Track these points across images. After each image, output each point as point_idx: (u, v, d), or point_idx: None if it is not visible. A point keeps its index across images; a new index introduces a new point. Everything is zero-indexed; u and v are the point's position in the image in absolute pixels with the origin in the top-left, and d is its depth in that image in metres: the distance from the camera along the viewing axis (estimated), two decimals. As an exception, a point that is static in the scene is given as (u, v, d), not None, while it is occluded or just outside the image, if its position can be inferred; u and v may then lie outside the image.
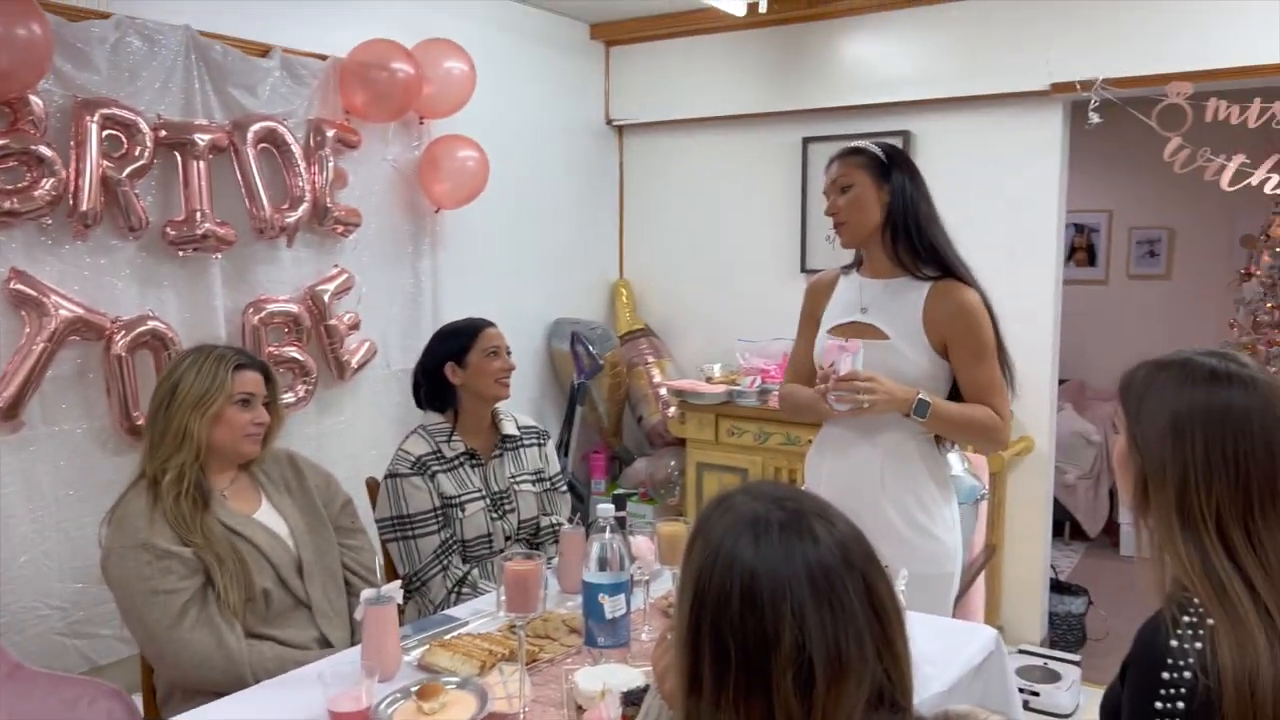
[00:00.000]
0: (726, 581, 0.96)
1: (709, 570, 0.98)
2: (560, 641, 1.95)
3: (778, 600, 0.94)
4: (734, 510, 1.01)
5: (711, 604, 0.97)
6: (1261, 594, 1.16)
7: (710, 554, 0.99)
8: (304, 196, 3.04)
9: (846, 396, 2.09)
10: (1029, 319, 3.69)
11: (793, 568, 0.95)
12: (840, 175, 2.23)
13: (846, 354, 2.10)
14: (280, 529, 2.12)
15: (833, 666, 0.94)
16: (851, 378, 2.08)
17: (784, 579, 0.95)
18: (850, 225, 2.23)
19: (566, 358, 4.21)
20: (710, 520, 1.03)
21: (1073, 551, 5.25)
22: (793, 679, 0.93)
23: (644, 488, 4.35)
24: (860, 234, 2.23)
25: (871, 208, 2.20)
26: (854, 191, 2.20)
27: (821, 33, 4.01)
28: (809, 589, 0.94)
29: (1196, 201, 5.59)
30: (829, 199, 2.26)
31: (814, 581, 0.95)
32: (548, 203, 4.26)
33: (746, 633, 0.94)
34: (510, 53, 4.00)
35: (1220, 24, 3.27)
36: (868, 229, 2.22)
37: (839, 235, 2.27)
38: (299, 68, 3.09)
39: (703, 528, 1.03)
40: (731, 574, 0.96)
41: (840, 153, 2.27)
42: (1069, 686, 3.42)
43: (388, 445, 3.46)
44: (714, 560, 0.98)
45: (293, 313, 3.08)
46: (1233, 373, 1.24)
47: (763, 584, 0.95)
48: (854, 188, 2.20)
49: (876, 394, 2.08)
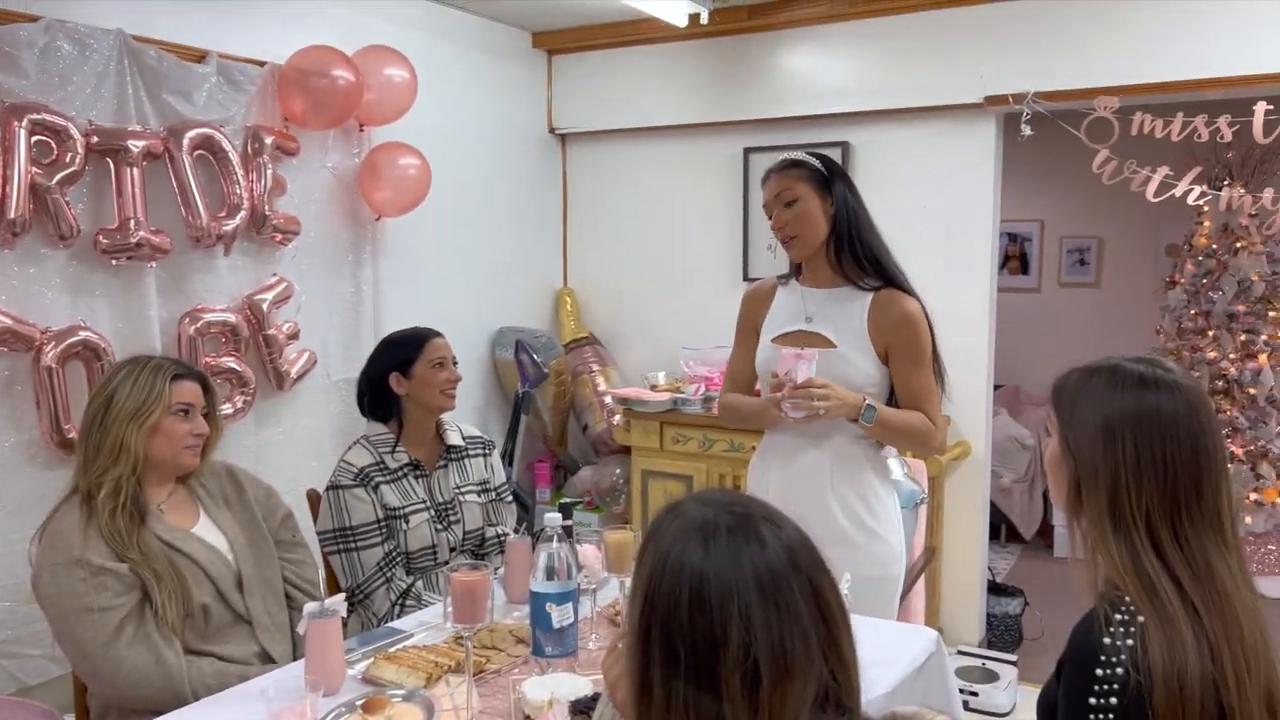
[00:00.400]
0: (676, 585, 0.98)
1: (659, 574, 1.00)
2: (507, 652, 1.94)
3: (725, 602, 0.96)
4: (684, 516, 1.03)
5: (661, 607, 0.98)
6: (1189, 592, 1.21)
7: (660, 559, 1.01)
8: (242, 204, 3.00)
9: (802, 403, 2.12)
10: (965, 326, 3.78)
11: (740, 571, 0.97)
12: (783, 189, 2.22)
13: (804, 361, 2.13)
14: (219, 543, 2.09)
15: (778, 667, 0.96)
16: (808, 385, 2.11)
17: (731, 581, 0.97)
18: (802, 239, 2.23)
19: (511, 366, 4.19)
20: (661, 527, 1.04)
21: (1009, 554, 5.36)
22: (739, 680, 0.95)
23: (589, 496, 4.35)
24: (812, 247, 2.24)
25: (819, 220, 2.22)
26: (801, 205, 2.20)
27: (762, 44, 4.06)
28: (756, 591, 0.97)
29: (1124, 212, 5.77)
30: (771, 213, 2.25)
31: (761, 584, 0.97)
32: (491, 211, 4.25)
33: (695, 634, 0.96)
34: (452, 60, 3.98)
35: (1145, 42, 3.39)
36: (819, 241, 2.23)
37: (790, 249, 2.26)
38: (236, 74, 3.05)
39: (654, 534, 1.04)
40: (681, 577, 0.98)
41: (779, 166, 2.26)
42: (1006, 686, 3.49)
43: (329, 457, 3.42)
44: (664, 564, 1.00)
45: (230, 322, 3.03)
46: (1160, 378, 1.28)
47: (711, 586, 0.97)
48: (799, 201, 2.20)
49: (830, 400, 2.11)
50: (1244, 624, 1.21)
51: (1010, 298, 5.98)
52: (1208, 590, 1.21)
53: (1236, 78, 3.28)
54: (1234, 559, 1.25)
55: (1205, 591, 1.21)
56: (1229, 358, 4.92)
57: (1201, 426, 1.26)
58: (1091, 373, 1.32)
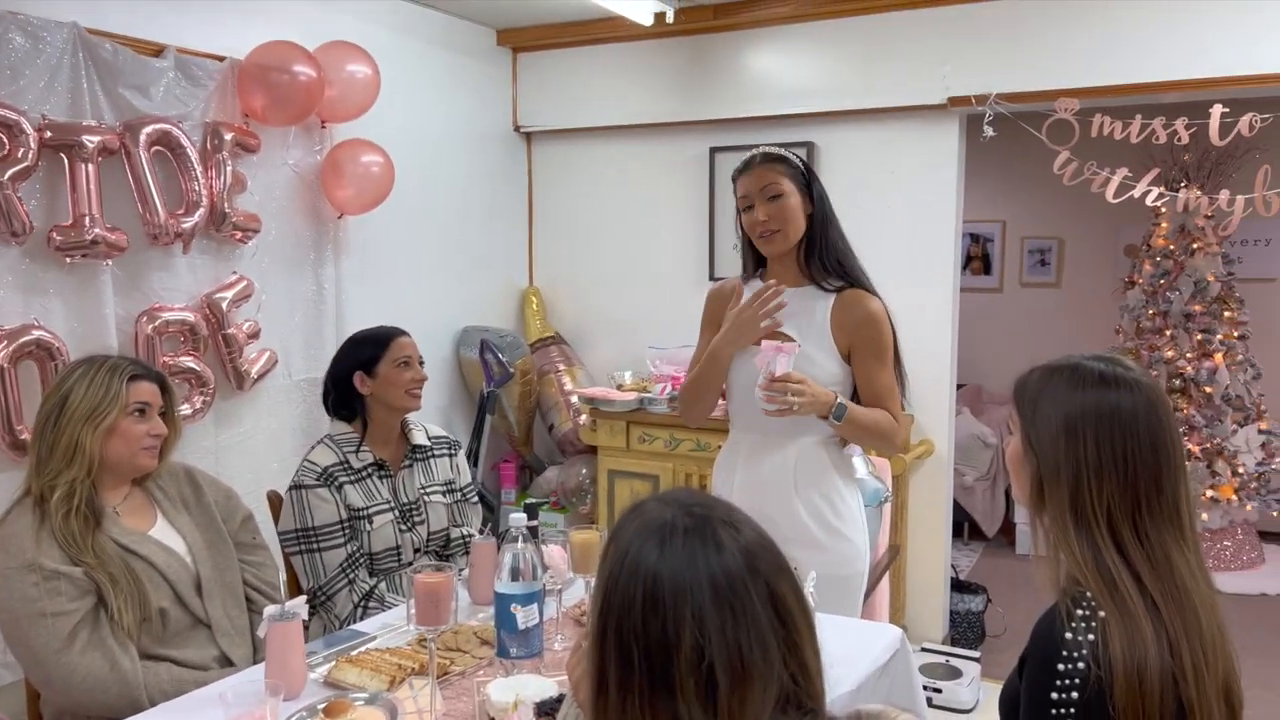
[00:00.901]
0: (631, 585, 0.98)
1: (616, 574, 0.99)
2: (472, 654, 1.93)
3: (679, 604, 0.95)
4: (644, 516, 1.03)
5: (617, 607, 0.98)
6: (1149, 587, 1.23)
7: (619, 558, 1.00)
8: (200, 201, 2.96)
9: (777, 397, 2.12)
10: (928, 326, 3.81)
11: (695, 573, 0.97)
12: (768, 183, 2.19)
13: (783, 355, 2.12)
14: (177, 546, 2.05)
15: (735, 671, 0.95)
16: (785, 379, 2.12)
17: (685, 584, 0.96)
18: (784, 234, 2.21)
19: (475, 366, 4.17)
20: (623, 526, 1.04)
21: (972, 551, 5.42)
22: (695, 683, 0.95)
23: (555, 496, 4.33)
24: (791, 243, 2.23)
25: (799, 217, 2.21)
26: (785, 200, 2.19)
27: (727, 44, 4.07)
28: (710, 594, 0.96)
29: (1084, 213, 5.85)
30: (749, 205, 2.22)
31: (715, 587, 0.96)
32: (455, 209, 4.22)
33: (649, 636, 0.96)
34: (415, 57, 3.95)
35: (1104, 45, 3.44)
36: (795, 238, 2.22)
37: (768, 244, 2.23)
38: (194, 68, 3.00)
39: (616, 534, 1.04)
40: (636, 578, 0.98)
41: (760, 159, 2.23)
42: (970, 682, 3.53)
43: (290, 457, 3.39)
44: (621, 564, 1.00)
45: (189, 321, 2.99)
46: (1120, 376, 1.30)
47: (665, 588, 0.96)
48: (784, 196, 2.19)
49: (805, 396, 2.12)
50: (1202, 618, 1.23)
51: (973, 298, 6.04)
52: (1167, 585, 1.23)
53: (1193, 81, 3.33)
54: (1192, 554, 1.27)
55: (1165, 586, 1.23)
56: (1185, 357, 5.01)
57: (1161, 424, 1.28)
58: (1053, 371, 1.34)
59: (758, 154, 2.25)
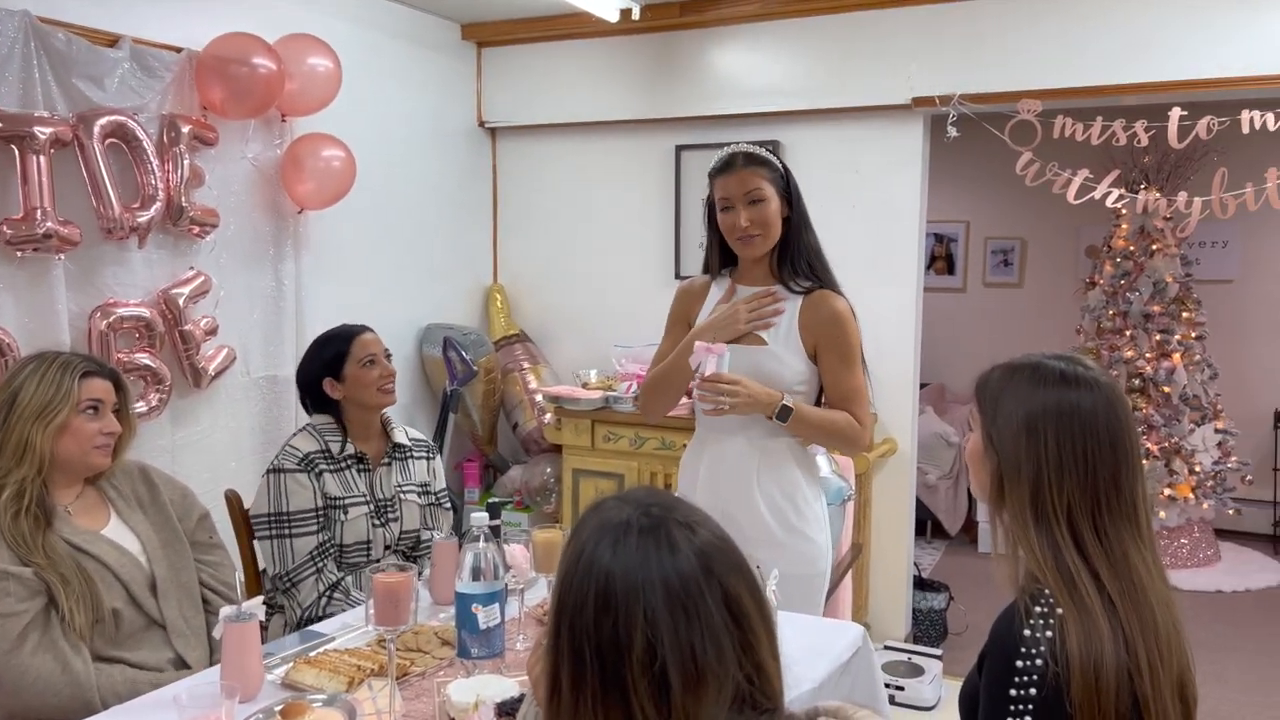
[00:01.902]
0: (585, 584, 0.97)
1: (571, 573, 0.99)
2: (432, 654, 1.91)
3: (630, 604, 0.95)
4: (602, 514, 1.03)
5: (570, 606, 0.98)
6: (1107, 585, 1.24)
7: (574, 557, 1.00)
8: (157, 195, 2.92)
9: (709, 397, 2.13)
10: (892, 325, 3.85)
11: (647, 573, 0.96)
12: (752, 187, 2.17)
13: (712, 355, 2.14)
14: (131, 545, 2.02)
15: (688, 672, 0.95)
16: (716, 379, 2.13)
17: (638, 584, 0.96)
18: (764, 238, 2.21)
19: (439, 364, 4.15)
20: (582, 525, 1.04)
21: (934, 549, 5.47)
22: (648, 684, 0.95)
23: (519, 495, 4.32)
24: (769, 246, 2.23)
25: (779, 221, 2.22)
26: (767, 205, 2.18)
27: (694, 41, 4.08)
28: (663, 595, 0.96)
29: (1046, 213, 5.92)
30: (735, 208, 2.19)
31: (668, 588, 0.96)
32: (418, 205, 4.19)
33: (601, 636, 0.96)
34: (378, 51, 3.92)
35: (1066, 47, 3.48)
36: (774, 241, 2.23)
37: (748, 247, 2.23)
38: (151, 59, 2.96)
39: (576, 531, 1.04)
40: (589, 577, 0.98)
41: (743, 161, 2.19)
42: (932, 680, 3.56)
43: (248, 456, 3.35)
44: (576, 563, 1.00)
45: (145, 317, 2.95)
46: (1080, 375, 1.32)
47: (617, 587, 0.96)
48: (766, 201, 2.18)
49: (739, 396, 2.13)
50: (1158, 615, 1.25)
51: (937, 297, 6.10)
52: (1124, 583, 1.25)
53: (1152, 84, 3.39)
54: (1149, 551, 1.29)
55: (1122, 584, 1.25)
56: (1145, 357, 5.09)
57: (1119, 422, 1.30)
58: (1014, 370, 1.35)
59: (739, 154, 2.21)
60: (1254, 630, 4.35)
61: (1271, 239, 5.72)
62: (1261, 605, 4.68)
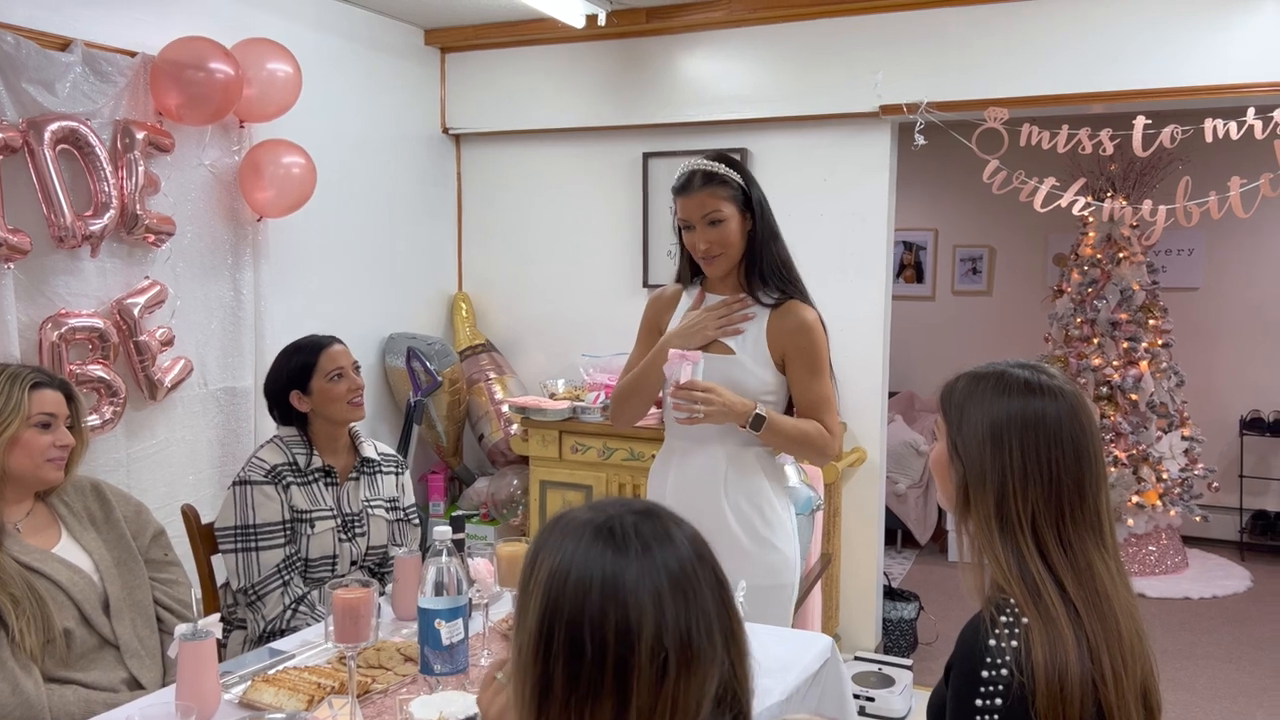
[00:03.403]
0: (585, 584, 1.00)
1: (563, 579, 1.01)
2: (394, 671, 1.90)
3: (640, 594, 0.99)
4: (578, 520, 1.05)
5: (569, 609, 1.00)
6: (1071, 594, 1.26)
7: (563, 564, 1.02)
8: (110, 203, 2.88)
9: (684, 405, 2.15)
10: (861, 333, 3.88)
11: (653, 564, 1.01)
12: (710, 210, 2.20)
13: (687, 363, 2.17)
14: (84, 563, 2.00)
15: (685, 655, 1.00)
16: (690, 387, 2.14)
17: (645, 575, 1.00)
18: (725, 257, 2.25)
19: (402, 375, 4.13)
20: (552, 535, 1.05)
21: (904, 559, 5.51)
22: (653, 671, 0.98)
23: (485, 508, 4.30)
24: (732, 263, 2.27)
25: (740, 238, 2.25)
26: (726, 225, 2.21)
27: (661, 48, 4.10)
28: (668, 580, 1.01)
29: (1014, 222, 6.01)
30: (695, 229, 2.22)
31: (672, 575, 1.01)
32: (381, 212, 4.18)
33: (606, 630, 0.98)
34: (339, 56, 3.91)
35: (1034, 55, 3.54)
36: (737, 257, 2.27)
37: (711, 267, 2.27)
38: (104, 64, 2.93)
39: (544, 543, 1.05)
40: (588, 577, 1.00)
41: (701, 181, 2.21)
42: (902, 691, 3.59)
43: (206, 470, 3.32)
44: (568, 568, 1.01)
45: (98, 328, 2.91)
46: (1044, 384, 1.34)
47: (625, 580, 1.00)
48: (725, 222, 2.21)
49: (713, 404, 2.15)
50: (1122, 623, 1.27)
51: (906, 305, 6.17)
52: (1089, 591, 1.27)
53: (1117, 93, 3.45)
54: (1112, 559, 1.31)
55: (1086, 593, 1.27)
56: (1112, 364, 5.17)
57: (1083, 430, 1.32)
58: (979, 378, 1.37)
59: (698, 173, 2.23)
60: (1221, 637, 4.42)
61: (1235, 247, 5.84)
62: (1228, 612, 4.76)
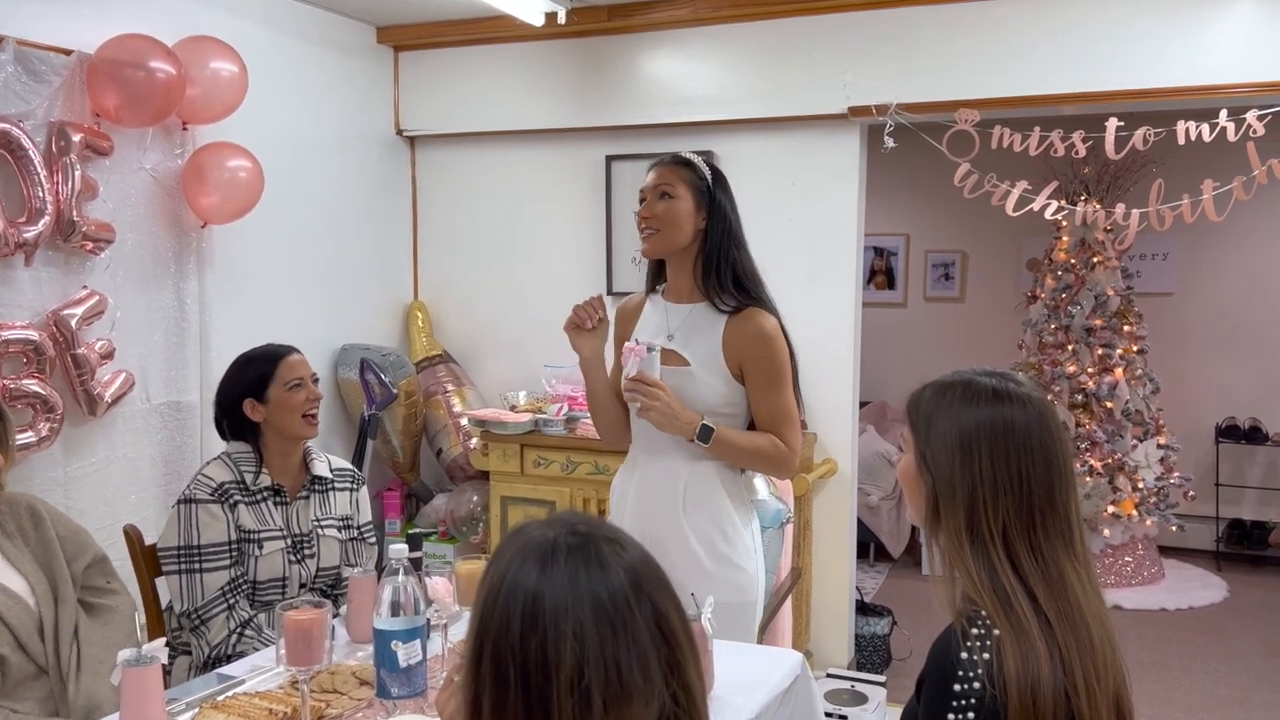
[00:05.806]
0: (510, 605, 1.00)
1: (495, 594, 1.01)
2: (350, 695, 1.90)
3: (560, 622, 0.98)
4: (525, 537, 1.05)
5: (494, 628, 1.00)
6: (1043, 605, 1.29)
7: (498, 579, 1.02)
8: (45, 209, 2.85)
9: (634, 395, 2.21)
10: (830, 341, 3.91)
11: (577, 590, 0.99)
12: (663, 181, 2.27)
13: (634, 356, 2.22)
14: (18, 586, 1.97)
15: (613, 690, 0.98)
16: (639, 380, 2.19)
17: (567, 601, 0.99)
18: (661, 235, 2.27)
19: (355, 387, 4.11)
20: (503, 549, 1.06)
21: (877, 573, 5.56)
22: (574, 704, 0.97)
23: (444, 526, 4.29)
24: (666, 247, 2.29)
25: (685, 224, 2.26)
26: (674, 203, 2.25)
27: (623, 47, 4.12)
28: (592, 611, 0.99)
29: (987, 226, 6.09)
30: (645, 201, 2.29)
31: (597, 605, 0.99)
32: (332, 218, 4.16)
33: (527, 656, 0.98)
34: (287, 54, 3.89)
35: (1004, 56, 3.60)
36: (675, 244, 2.28)
37: (647, 242, 2.30)
38: (37, 62, 2.90)
39: (496, 557, 1.06)
40: (515, 597, 1.00)
41: (669, 159, 2.31)
42: (875, 708, 3.61)
43: (149, 488, 3.28)
44: (500, 584, 1.01)
45: (33, 340, 2.88)
46: (1012, 392, 1.37)
47: (545, 605, 0.99)
48: (675, 200, 2.25)
49: (658, 400, 2.18)
50: (1094, 633, 1.30)
51: (877, 312, 6.22)
52: (1060, 601, 1.30)
53: (1089, 94, 3.52)
54: (1083, 568, 1.33)
55: (1058, 603, 1.29)
56: (1087, 372, 5.25)
57: (1052, 437, 1.35)
58: (945, 388, 1.40)
59: (672, 154, 2.33)
60: (1198, 649, 4.50)
61: (1210, 251, 5.96)
62: (1205, 624, 4.84)
